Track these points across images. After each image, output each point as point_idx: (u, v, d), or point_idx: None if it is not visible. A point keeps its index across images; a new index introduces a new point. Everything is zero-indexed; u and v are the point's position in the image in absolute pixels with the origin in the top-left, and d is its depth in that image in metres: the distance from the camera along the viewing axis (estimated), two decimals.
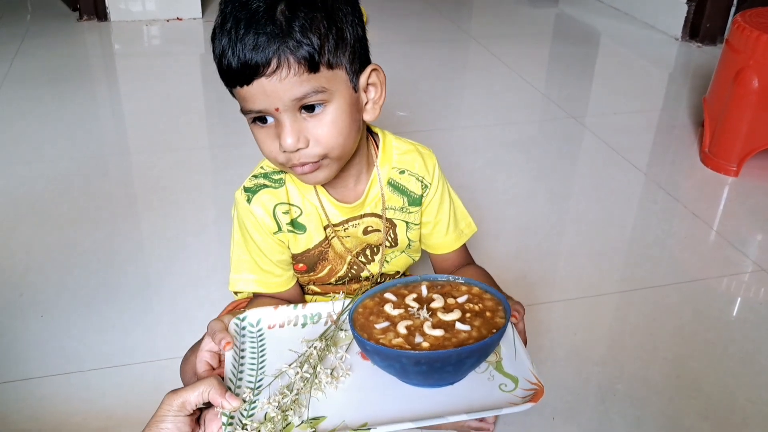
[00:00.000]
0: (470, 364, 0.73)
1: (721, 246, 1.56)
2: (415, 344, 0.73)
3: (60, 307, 1.32)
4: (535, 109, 2.31)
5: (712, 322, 1.32)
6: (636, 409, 1.11)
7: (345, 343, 0.82)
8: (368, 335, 0.74)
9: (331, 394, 0.75)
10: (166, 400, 0.70)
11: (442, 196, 0.98)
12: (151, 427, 0.69)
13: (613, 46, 2.96)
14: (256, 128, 0.79)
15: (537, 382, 0.73)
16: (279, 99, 0.74)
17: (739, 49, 1.80)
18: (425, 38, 2.96)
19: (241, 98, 0.77)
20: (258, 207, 0.90)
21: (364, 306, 0.80)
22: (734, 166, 1.84)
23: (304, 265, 0.97)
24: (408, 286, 0.83)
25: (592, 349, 1.25)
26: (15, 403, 1.11)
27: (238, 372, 0.77)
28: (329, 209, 0.92)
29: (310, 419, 0.71)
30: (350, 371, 0.78)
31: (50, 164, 1.86)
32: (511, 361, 0.78)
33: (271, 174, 0.91)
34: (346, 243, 0.96)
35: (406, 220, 0.97)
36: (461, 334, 0.74)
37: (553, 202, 1.75)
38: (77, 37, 2.85)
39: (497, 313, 0.77)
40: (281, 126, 0.76)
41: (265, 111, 0.76)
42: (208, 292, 1.36)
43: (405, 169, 0.95)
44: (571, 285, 1.42)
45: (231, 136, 2.03)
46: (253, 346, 0.82)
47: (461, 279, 0.82)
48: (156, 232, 1.58)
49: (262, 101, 0.74)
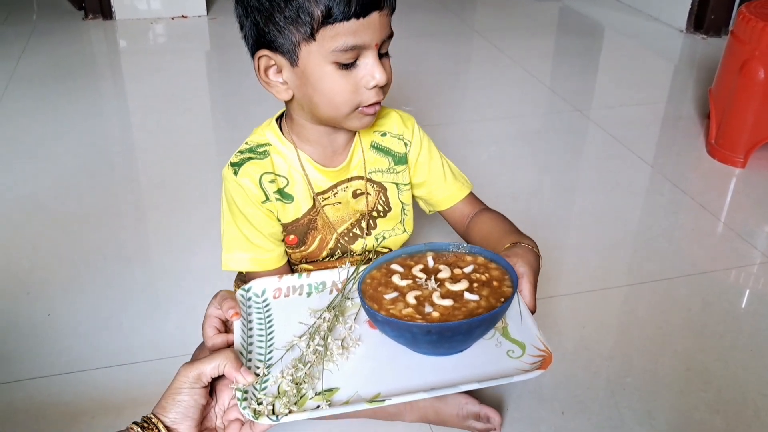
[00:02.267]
0: (479, 332, 0.74)
1: (729, 238, 1.55)
2: (425, 314, 0.73)
3: (67, 306, 1.33)
4: (540, 102, 2.30)
5: (721, 314, 1.31)
6: (646, 403, 1.11)
7: (352, 312, 0.82)
8: (378, 306, 0.75)
9: (342, 364, 0.75)
10: (181, 371, 0.70)
11: (429, 153, 1.02)
12: (167, 398, 0.69)
13: (618, 39, 2.94)
14: (337, 73, 0.81)
15: (545, 349, 0.74)
16: (380, 34, 0.81)
17: (745, 40, 1.78)
18: (429, 32, 2.95)
19: (346, 32, 0.79)
20: (245, 178, 0.91)
21: (372, 277, 0.80)
22: (741, 157, 1.83)
23: (294, 237, 0.97)
24: (414, 256, 0.83)
25: (601, 342, 1.24)
26: (23, 402, 1.12)
27: (248, 344, 0.77)
28: (315, 176, 0.94)
29: (324, 391, 0.72)
30: (360, 341, 0.78)
31: (56, 162, 1.86)
32: (518, 327, 0.79)
33: (256, 147, 0.94)
34: (336, 211, 0.97)
35: (395, 181, 0.99)
36: (470, 303, 0.75)
37: (559, 195, 1.74)
38: (83, 36, 2.85)
39: (504, 282, 0.78)
40: (370, 63, 0.81)
41: (365, 45, 0.80)
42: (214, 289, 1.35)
43: (386, 131, 0.99)
44: (579, 278, 1.42)
45: (237, 133, 2.03)
46: (260, 317, 0.82)
47: (465, 248, 0.83)
48: (162, 229, 1.58)
49: (370, 35, 0.79)
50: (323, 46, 0.79)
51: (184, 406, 0.69)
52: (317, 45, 0.79)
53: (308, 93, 0.85)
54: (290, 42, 0.81)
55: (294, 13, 0.78)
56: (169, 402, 0.69)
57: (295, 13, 0.78)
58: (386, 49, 0.84)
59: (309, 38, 0.79)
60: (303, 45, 0.80)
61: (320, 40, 0.79)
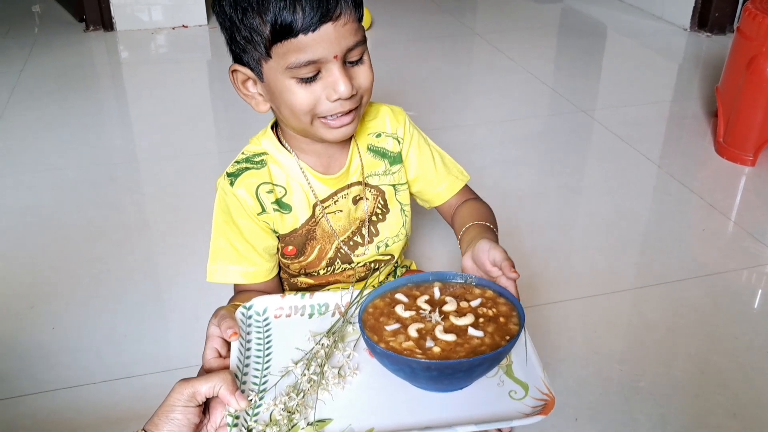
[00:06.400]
0: (481, 371, 0.72)
1: (740, 237, 1.53)
2: (425, 348, 0.71)
3: (70, 319, 1.31)
4: (544, 103, 2.28)
5: (734, 315, 1.29)
6: (660, 408, 1.08)
7: (352, 338, 0.80)
8: (378, 337, 0.73)
9: (337, 394, 0.73)
10: (176, 388, 0.69)
11: (419, 147, 1.00)
12: (160, 416, 0.68)
13: (621, 39, 2.92)
14: (298, 87, 0.79)
15: (548, 393, 0.71)
16: (339, 46, 0.77)
17: (751, 36, 1.76)
18: (430, 35, 2.94)
19: (298, 49, 0.76)
20: (241, 189, 0.90)
21: (375, 306, 0.78)
22: (750, 155, 1.81)
23: (293, 248, 0.96)
24: (420, 286, 0.81)
25: (613, 347, 1.22)
26: (27, 418, 1.10)
27: (244, 366, 0.76)
28: (315, 185, 0.93)
29: (316, 421, 0.70)
30: (357, 370, 0.76)
31: (58, 173, 1.85)
32: (522, 366, 0.76)
33: (252, 157, 0.93)
34: (337, 221, 0.95)
35: (392, 183, 0.98)
36: (474, 340, 0.72)
37: (565, 197, 1.72)
38: (84, 47, 2.85)
39: (511, 319, 0.75)
40: (333, 75, 0.78)
41: (322, 60, 0.77)
42: (218, 300, 1.34)
43: (380, 131, 0.97)
44: (587, 282, 1.39)
45: (238, 142, 2.00)
46: (259, 337, 0.81)
47: (474, 280, 0.80)
48: (164, 240, 1.57)
49: (324, 48, 0.76)
50: (279, 63, 0.78)
51: (177, 424, 0.68)
52: (274, 62, 0.78)
53: (277, 105, 0.84)
54: (253, 59, 0.81)
55: (248, 33, 0.78)
56: (162, 419, 0.68)
57: (248, 32, 0.77)
58: (358, 55, 0.80)
59: (266, 56, 0.79)
60: (263, 62, 0.80)
61: (275, 57, 0.78)
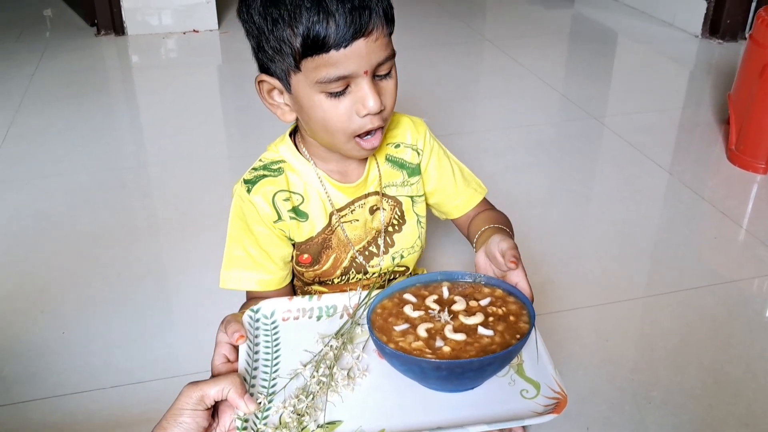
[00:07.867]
0: (492, 370, 0.71)
1: (753, 245, 1.52)
2: (435, 348, 0.70)
3: (81, 323, 1.31)
4: (555, 110, 2.27)
5: (748, 324, 1.28)
6: (673, 417, 1.08)
7: (361, 340, 0.79)
8: (387, 338, 0.72)
9: (347, 395, 0.73)
10: (185, 392, 0.68)
11: (439, 160, 0.99)
12: (168, 420, 0.68)
13: (632, 45, 2.91)
14: (327, 101, 0.79)
15: (560, 391, 0.71)
16: (369, 62, 0.76)
17: (765, 44, 1.75)
18: (440, 42, 2.94)
19: (328, 64, 0.75)
20: (258, 196, 0.90)
21: (383, 307, 0.77)
22: (762, 163, 1.80)
23: (309, 256, 0.95)
24: (428, 286, 0.80)
25: (625, 355, 1.21)
26: (36, 422, 1.10)
27: (252, 369, 0.75)
28: (333, 193, 0.92)
29: (326, 424, 0.69)
30: (367, 372, 0.76)
31: (69, 178, 1.85)
32: (533, 365, 0.75)
33: (270, 165, 0.92)
34: (353, 230, 0.94)
35: (409, 194, 0.97)
36: (484, 339, 0.72)
37: (576, 204, 1.72)
38: (95, 52, 2.86)
39: (521, 318, 0.75)
40: (362, 90, 0.78)
41: (353, 75, 0.76)
42: (228, 306, 1.34)
43: (399, 142, 0.97)
44: (599, 289, 1.39)
45: (250, 147, 2.02)
46: (267, 340, 0.80)
47: (482, 279, 0.80)
48: (175, 245, 1.57)
49: (354, 64, 0.75)
50: (308, 77, 0.77)
51: (186, 428, 0.67)
52: (303, 75, 0.78)
53: (305, 118, 0.84)
54: (281, 70, 0.80)
55: (277, 44, 0.77)
56: (170, 423, 0.67)
57: (278, 43, 0.77)
58: (386, 70, 0.80)
59: (295, 68, 0.78)
60: (292, 74, 0.79)
61: (305, 71, 0.77)
